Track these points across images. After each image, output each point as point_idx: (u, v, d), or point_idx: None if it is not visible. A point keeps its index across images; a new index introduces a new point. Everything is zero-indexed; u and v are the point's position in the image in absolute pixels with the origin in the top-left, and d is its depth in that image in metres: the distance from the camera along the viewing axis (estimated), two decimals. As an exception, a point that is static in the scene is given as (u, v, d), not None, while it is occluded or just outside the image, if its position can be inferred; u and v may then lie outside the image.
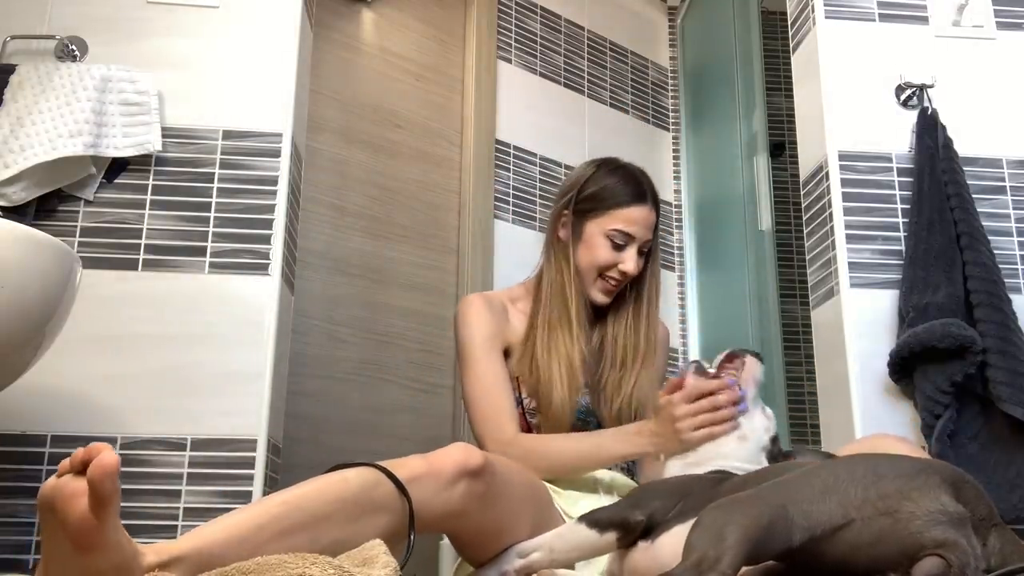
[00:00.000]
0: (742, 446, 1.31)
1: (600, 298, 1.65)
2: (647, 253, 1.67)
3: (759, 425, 1.33)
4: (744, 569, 0.80)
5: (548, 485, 1.41)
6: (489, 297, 1.67)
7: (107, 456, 0.82)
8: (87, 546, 0.83)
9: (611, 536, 1.12)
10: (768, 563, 0.87)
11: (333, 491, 1.04)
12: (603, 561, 1.22)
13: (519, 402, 1.57)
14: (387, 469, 1.08)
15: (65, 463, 0.84)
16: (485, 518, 1.17)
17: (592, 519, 1.14)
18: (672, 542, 1.08)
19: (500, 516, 1.20)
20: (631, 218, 1.63)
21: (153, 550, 0.90)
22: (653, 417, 1.43)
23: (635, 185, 1.66)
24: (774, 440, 1.34)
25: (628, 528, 1.11)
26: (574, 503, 1.43)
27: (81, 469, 0.83)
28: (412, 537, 1.07)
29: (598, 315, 1.69)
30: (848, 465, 0.91)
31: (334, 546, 1.00)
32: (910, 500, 0.83)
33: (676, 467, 1.34)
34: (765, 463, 1.30)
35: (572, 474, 1.50)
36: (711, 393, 1.33)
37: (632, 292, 1.69)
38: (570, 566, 1.23)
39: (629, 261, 1.62)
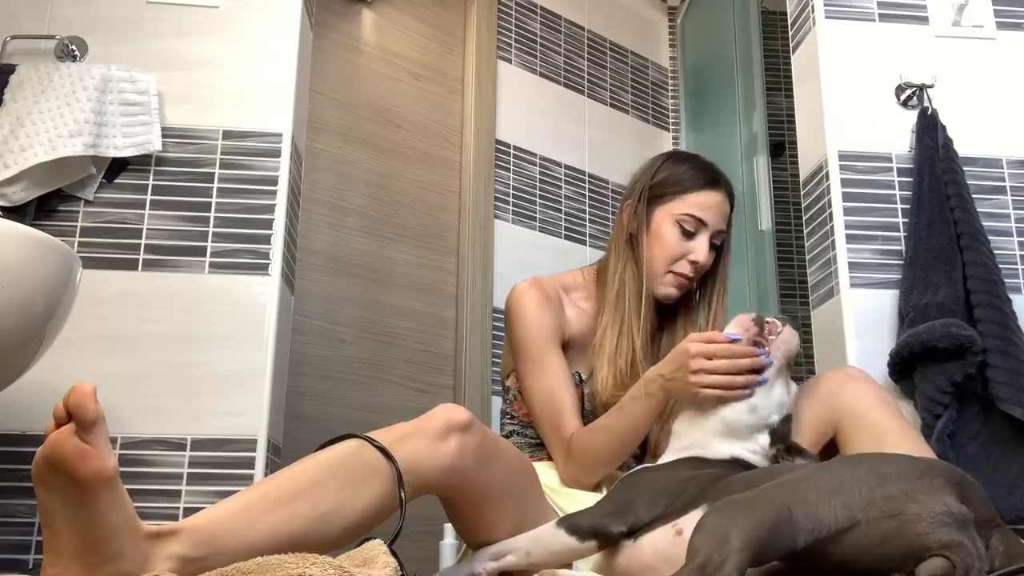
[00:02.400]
0: (751, 416, 1.26)
1: (670, 291, 1.56)
2: (719, 248, 1.58)
3: (775, 401, 1.27)
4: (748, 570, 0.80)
5: (544, 484, 1.38)
6: (544, 286, 1.57)
7: (82, 384, 0.84)
8: (90, 478, 0.84)
9: (591, 544, 1.11)
10: (771, 564, 0.87)
11: (323, 461, 1.06)
12: None
13: (579, 386, 1.54)
14: (368, 436, 1.09)
15: (50, 423, 0.86)
16: (481, 477, 1.16)
17: (572, 525, 1.12)
18: (652, 543, 1.08)
19: (496, 478, 1.19)
20: (702, 202, 1.54)
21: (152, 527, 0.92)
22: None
23: (707, 171, 1.58)
24: (786, 419, 1.28)
25: (608, 539, 1.10)
26: (574, 501, 1.40)
27: (67, 420, 0.85)
28: (403, 496, 1.07)
29: (666, 315, 1.62)
30: (852, 466, 0.91)
31: (331, 512, 1.02)
32: (916, 502, 0.83)
33: (684, 423, 1.31)
34: (765, 442, 1.26)
35: (622, 459, 1.46)
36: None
37: (703, 293, 1.61)
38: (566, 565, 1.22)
39: (700, 250, 1.53)
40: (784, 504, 0.84)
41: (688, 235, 1.54)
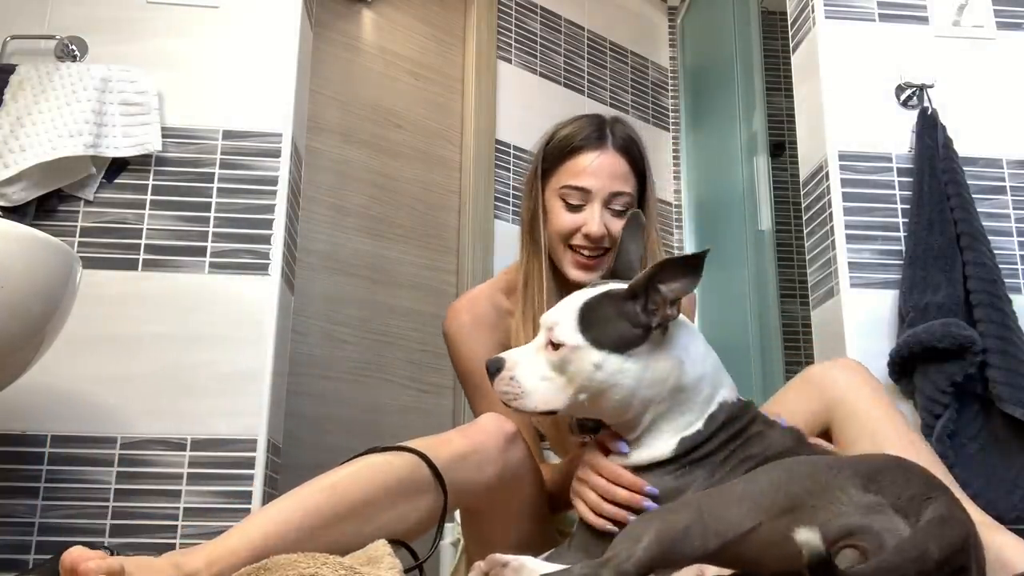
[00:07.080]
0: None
1: (575, 274, 1.37)
2: (629, 209, 1.33)
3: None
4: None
5: None
6: (477, 305, 1.43)
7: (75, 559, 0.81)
8: None
9: None
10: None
11: (378, 477, 1.03)
12: None
13: None
14: (428, 457, 1.06)
15: None
16: (511, 493, 1.16)
17: None
18: None
19: (522, 494, 1.19)
20: (580, 168, 1.35)
21: (204, 558, 0.90)
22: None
23: (588, 128, 1.38)
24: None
25: None
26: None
27: None
28: (442, 524, 1.07)
29: None
30: (768, 470, 0.92)
31: (378, 531, 1.00)
32: (813, 496, 0.84)
33: None
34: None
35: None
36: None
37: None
38: None
39: (590, 221, 1.33)
40: (699, 508, 0.86)
41: (573, 208, 1.36)
